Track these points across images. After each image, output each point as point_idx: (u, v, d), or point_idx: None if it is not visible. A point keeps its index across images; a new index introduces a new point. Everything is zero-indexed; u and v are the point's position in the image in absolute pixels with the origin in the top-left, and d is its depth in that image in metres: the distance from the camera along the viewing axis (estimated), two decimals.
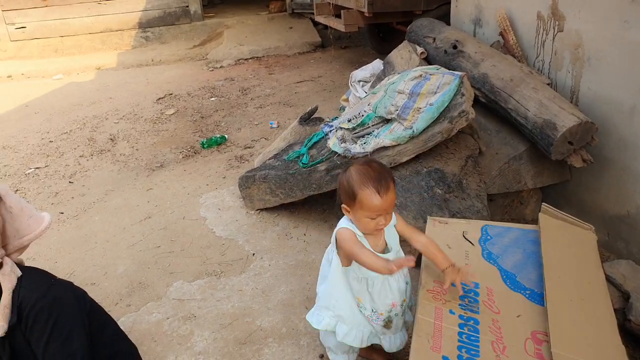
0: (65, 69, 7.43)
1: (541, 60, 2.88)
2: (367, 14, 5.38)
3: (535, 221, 2.09)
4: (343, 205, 1.65)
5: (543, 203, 2.00)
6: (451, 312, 1.65)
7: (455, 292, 1.70)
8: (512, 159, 2.64)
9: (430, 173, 2.46)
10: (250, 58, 7.57)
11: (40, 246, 3.00)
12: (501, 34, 3.15)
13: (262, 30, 8.63)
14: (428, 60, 3.53)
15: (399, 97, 2.59)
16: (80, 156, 4.28)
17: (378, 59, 4.29)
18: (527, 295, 1.70)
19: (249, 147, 4.25)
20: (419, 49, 3.52)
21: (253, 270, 2.63)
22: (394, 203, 1.63)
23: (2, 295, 1.38)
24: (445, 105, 2.43)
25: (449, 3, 3.98)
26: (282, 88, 5.97)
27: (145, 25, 8.66)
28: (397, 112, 2.56)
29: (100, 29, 8.43)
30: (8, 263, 1.44)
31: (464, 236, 2.02)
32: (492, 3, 3.35)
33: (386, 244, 1.74)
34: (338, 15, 6.09)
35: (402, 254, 1.79)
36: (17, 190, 3.75)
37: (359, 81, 3.95)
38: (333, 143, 2.83)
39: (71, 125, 5.05)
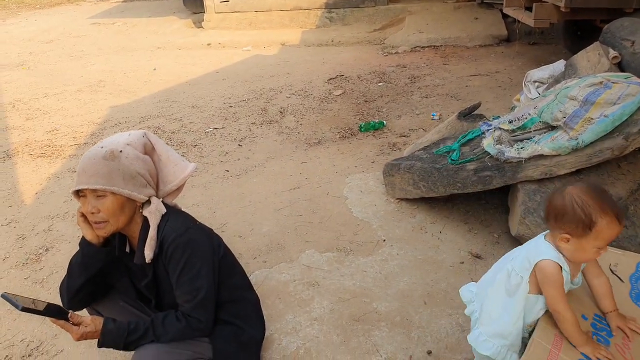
0: (254, 42, 8.19)
1: None
2: (563, 9, 4.84)
3: None
4: (564, 235, 1.45)
5: None
6: (573, 345, 1.50)
7: (583, 325, 1.54)
8: None
9: None
10: (427, 46, 7.45)
11: (204, 196, 3.43)
12: None
13: (445, 18, 8.41)
14: (621, 66, 3.11)
15: (569, 103, 2.36)
16: (252, 123, 4.74)
17: (562, 60, 3.90)
18: None
19: (404, 136, 4.25)
20: (612, 53, 3.12)
21: (380, 255, 2.67)
22: None
23: (150, 229, 1.63)
24: (624, 119, 2.15)
25: None
26: (454, 80, 5.79)
27: (331, 6, 9.07)
28: (564, 119, 2.33)
29: (291, 6, 9.07)
30: (154, 202, 1.67)
31: (610, 269, 1.79)
32: None
33: (580, 269, 1.60)
34: (530, 9, 5.64)
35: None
36: (195, 145, 4.33)
37: (535, 82, 3.66)
38: (488, 143, 2.70)
39: (250, 95, 5.59)
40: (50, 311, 1.47)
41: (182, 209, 1.85)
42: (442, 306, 2.30)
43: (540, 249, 1.53)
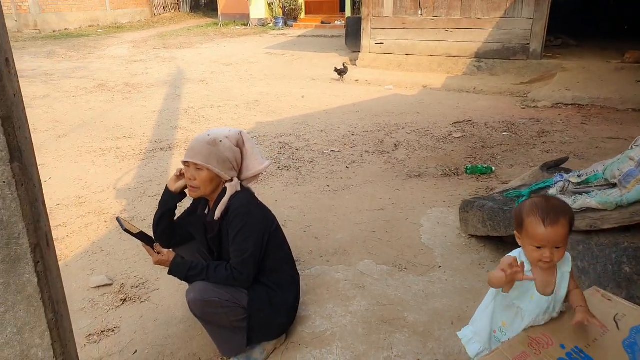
0: (397, 82, 8.74)
1: None
2: None
3: None
4: (516, 232, 1.72)
5: None
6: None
7: (558, 352, 1.68)
8: None
9: (627, 249, 2.23)
10: (571, 104, 7.22)
11: (301, 202, 3.99)
12: None
13: (601, 78, 8.03)
14: None
15: (628, 163, 2.41)
16: (365, 151, 5.22)
17: None
18: None
19: (506, 184, 4.33)
20: None
21: (430, 278, 2.92)
22: (562, 239, 1.62)
23: (225, 197, 2.18)
24: None
25: None
26: (586, 140, 5.61)
27: (481, 55, 9.24)
28: (620, 177, 2.39)
29: (441, 53, 9.45)
30: (235, 181, 2.22)
31: (615, 319, 1.86)
32: None
33: (555, 288, 1.72)
34: None
35: (560, 305, 1.76)
36: (311, 162, 4.95)
37: None
38: (551, 192, 2.80)
39: (373, 127, 6.10)
40: (142, 237, 2.10)
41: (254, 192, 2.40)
42: None
43: (514, 251, 1.75)
